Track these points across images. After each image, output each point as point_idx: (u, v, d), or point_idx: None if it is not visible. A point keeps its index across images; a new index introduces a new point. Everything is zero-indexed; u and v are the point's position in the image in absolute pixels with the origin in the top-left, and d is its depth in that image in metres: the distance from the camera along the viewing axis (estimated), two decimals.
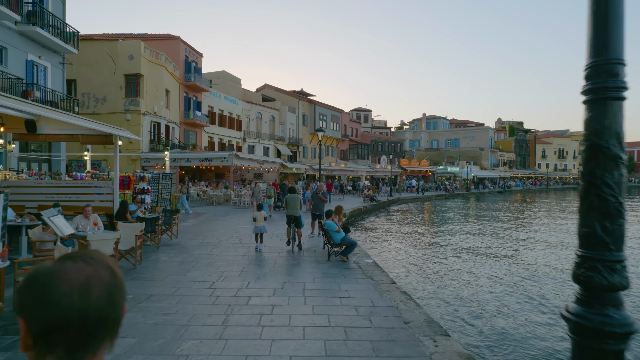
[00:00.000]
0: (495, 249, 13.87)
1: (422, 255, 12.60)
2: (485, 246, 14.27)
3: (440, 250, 13.47)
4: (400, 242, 15.22)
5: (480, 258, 12.15)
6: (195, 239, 11.19)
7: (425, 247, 14.28)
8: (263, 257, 8.92)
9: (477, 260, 11.91)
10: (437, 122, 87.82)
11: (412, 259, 11.92)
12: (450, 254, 12.85)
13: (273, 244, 10.63)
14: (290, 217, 10.00)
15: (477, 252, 13.24)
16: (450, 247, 14.02)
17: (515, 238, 16.36)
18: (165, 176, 15.37)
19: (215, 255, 8.92)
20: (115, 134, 10.58)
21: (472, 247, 14.06)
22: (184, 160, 25.69)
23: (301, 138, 50.08)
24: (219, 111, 39.23)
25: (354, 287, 6.56)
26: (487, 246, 14.27)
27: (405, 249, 13.82)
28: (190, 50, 35.02)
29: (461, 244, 14.80)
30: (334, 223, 8.61)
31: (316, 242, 11.02)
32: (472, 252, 13.22)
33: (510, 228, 19.31)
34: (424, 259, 12.01)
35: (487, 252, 13.24)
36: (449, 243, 14.90)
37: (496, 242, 15.29)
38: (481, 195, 52.07)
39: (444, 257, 12.33)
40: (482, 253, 13.02)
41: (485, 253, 13.02)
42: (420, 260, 11.69)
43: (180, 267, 7.77)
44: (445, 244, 14.69)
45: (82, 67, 26.97)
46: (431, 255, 12.48)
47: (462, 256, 12.47)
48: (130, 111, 26.72)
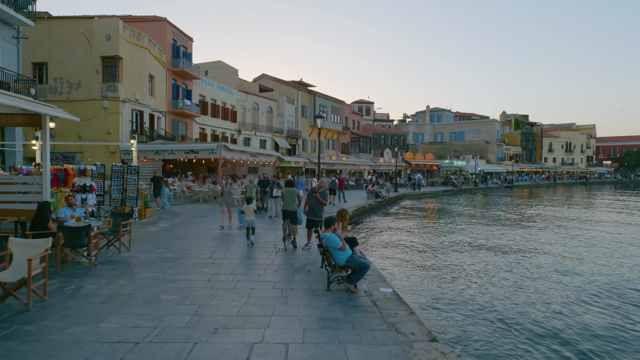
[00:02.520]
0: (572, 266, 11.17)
1: (454, 272, 9.92)
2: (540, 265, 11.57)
3: (476, 266, 10.80)
4: (417, 249, 12.55)
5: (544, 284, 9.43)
6: (153, 251, 8.53)
7: (453, 260, 11.61)
8: (236, 284, 6.25)
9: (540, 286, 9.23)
10: (441, 115, 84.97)
11: (444, 279, 9.24)
12: (493, 272, 10.18)
13: (258, 260, 7.97)
14: (285, 212, 9.37)
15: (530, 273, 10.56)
16: (488, 263, 11.34)
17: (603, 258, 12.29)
18: (130, 170, 12.68)
19: (166, 282, 6.26)
20: (43, 113, 7.90)
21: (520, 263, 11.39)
22: (168, 152, 22.99)
23: (300, 130, 47.33)
24: (212, 101, 36.47)
25: (370, 353, 3.89)
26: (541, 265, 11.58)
27: (425, 260, 11.16)
28: (178, 33, 32.16)
29: (500, 260, 12.13)
30: (336, 237, 5.93)
31: (313, 256, 8.35)
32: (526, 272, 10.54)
33: (577, 241, 16.36)
34: (462, 277, 9.34)
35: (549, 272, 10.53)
36: (483, 258, 12.22)
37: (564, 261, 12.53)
38: (489, 191, 49.39)
39: (485, 276, 9.67)
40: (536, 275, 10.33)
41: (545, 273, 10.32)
42: (458, 282, 9.00)
43: (102, 306, 5.11)
44: (478, 259, 12.02)
45: (53, 49, 24.20)
46: (470, 275, 9.81)
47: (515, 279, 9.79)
48: (108, 98, 23.97)
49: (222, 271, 7.00)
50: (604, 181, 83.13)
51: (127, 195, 12.66)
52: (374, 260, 10.72)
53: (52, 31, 24.23)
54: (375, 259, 11.07)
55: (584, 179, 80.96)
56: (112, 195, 12.67)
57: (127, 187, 12.68)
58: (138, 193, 12.92)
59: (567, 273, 9.63)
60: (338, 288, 5.99)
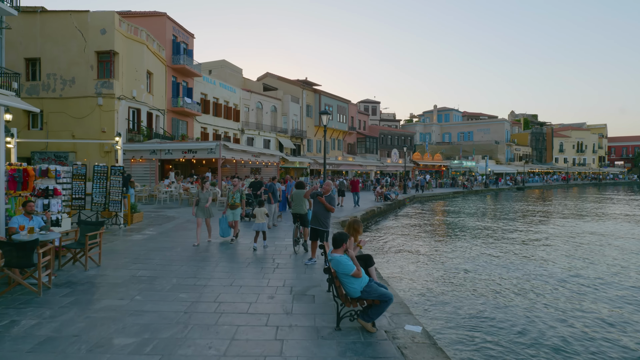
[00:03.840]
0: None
1: (492, 294, 8.47)
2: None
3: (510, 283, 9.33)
4: (437, 261, 11.10)
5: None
6: (127, 267, 7.17)
7: (485, 275, 10.15)
8: (218, 318, 4.86)
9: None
10: (449, 115, 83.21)
11: (479, 305, 7.79)
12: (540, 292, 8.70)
13: (251, 281, 6.60)
14: (295, 215, 9.15)
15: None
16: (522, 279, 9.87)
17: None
18: (115, 171, 11.35)
19: (129, 314, 4.89)
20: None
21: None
22: (165, 152, 21.69)
23: (305, 130, 45.94)
24: (214, 99, 35.22)
25: None
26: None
27: (449, 275, 9.71)
28: (179, 29, 30.94)
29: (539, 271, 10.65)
30: (347, 259, 4.52)
31: (317, 275, 6.96)
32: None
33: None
34: (506, 304, 7.89)
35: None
36: (514, 272, 10.75)
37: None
38: (501, 192, 47.67)
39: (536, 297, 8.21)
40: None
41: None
42: (503, 312, 7.54)
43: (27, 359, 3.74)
44: (510, 271, 10.55)
45: (46, 44, 23.03)
46: (510, 296, 8.35)
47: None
48: (103, 95, 22.74)
49: (204, 297, 5.61)
50: (618, 182, 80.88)
51: (111, 198, 11.35)
52: (388, 275, 9.30)
53: (46, 25, 23.07)
54: (389, 271, 9.65)
55: (597, 180, 78.75)
56: (94, 199, 11.36)
57: (111, 189, 11.36)
58: (123, 196, 11.60)
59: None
60: (350, 326, 4.59)
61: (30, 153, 22.81)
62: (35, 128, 23.73)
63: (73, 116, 22.86)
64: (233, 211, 9.80)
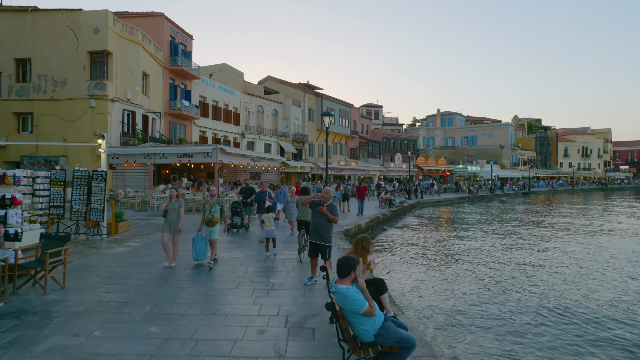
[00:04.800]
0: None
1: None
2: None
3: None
4: (461, 281, 10.05)
5: None
6: (96, 289, 6.14)
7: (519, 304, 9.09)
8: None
9: None
10: (452, 119, 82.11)
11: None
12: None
13: (239, 308, 5.57)
14: (301, 223, 8.93)
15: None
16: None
17: None
18: (97, 176, 10.36)
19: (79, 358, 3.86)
20: None
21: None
22: (159, 156, 20.72)
23: (307, 134, 45.00)
24: (213, 102, 34.33)
25: None
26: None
27: (475, 292, 8.65)
28: (177, 30, 30.09)
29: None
30: (357, 293, 3.47)
31: (318, 300, 5.92)
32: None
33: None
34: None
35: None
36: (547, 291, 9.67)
37: None
38: (507, 197, 46.54)
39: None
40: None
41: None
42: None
43: None
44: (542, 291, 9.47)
45: (38, 44, 22.18)
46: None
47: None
48: (96, 96, 21.84)
49: (179, 332, 4.58)
50: (624, 187, 79.57)
51: (92, 206, 10.35)
52: (399, 291, 8.26)
53: (37, 25, 22.24)
54: (399, 288, 8.61)
55: (603, 185, 77.47)
56: (74, 207, 10.36)
57: (93, 196, 10.36)
58: (106, 204, 10.59)
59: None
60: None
61: (20, 157, 21.90)
62: (26, 131, 22.83)
63: (64, 119, 21.95)
64: (210, 229, 7.84)
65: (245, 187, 13.68)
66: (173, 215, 7.62)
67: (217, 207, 7.87)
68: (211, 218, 7.78)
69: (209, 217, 7.78)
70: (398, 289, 8.68)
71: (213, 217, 7.80)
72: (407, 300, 8.00)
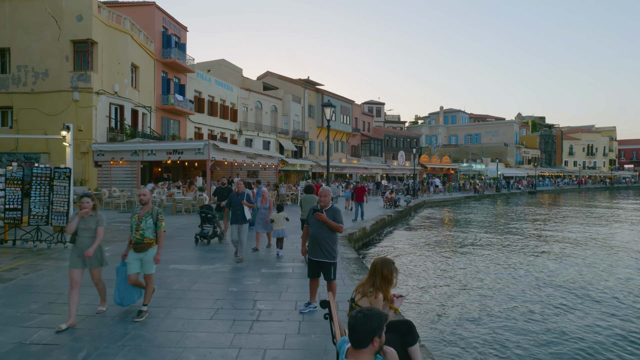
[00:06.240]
0: None
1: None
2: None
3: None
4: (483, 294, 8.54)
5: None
6: (24, 323, 4.64)
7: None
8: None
9: None
10: (455, 116, 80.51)
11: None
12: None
13: (212, 354, 4.05)
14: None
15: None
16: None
17: None
18: (59, 174, 8.86)
19: None
20: None
21: None
22: (147, 152, 19.22)
23: (307, 132, 43.47)
24: (209, 97, 32.82)
25: None
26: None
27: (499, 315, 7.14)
28: (170, 21, 28.58)
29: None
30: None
31: (317, 339, 4.41)
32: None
33: None
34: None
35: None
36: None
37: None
38: (513, 197, 45.02)
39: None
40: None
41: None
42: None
43: None
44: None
45: (17, 32, 20.69)
46: None
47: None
48: (79, 89, 20.34)
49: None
50: (630, 186, 78.03)
51: (54, 209, 8.85)
52: (434, 340, 6.74)
53: (16, 12, 20.73)
54: (427, 322, 7.10)
55: (608, 184, 76.00)
56: (32, 210, 8.86)
57: (55, 197, 8.86)
58: (71, 206, 9.10)
59: None
60: None
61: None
62: (5, 126, 21.34)
63: (46, 113, 20.46)
64: (141, 256, 5.01)
65: (221, 187, 11.09)
66: (85, 239, 4.73)
67: (149, 221, 5.00)
68: (140, 239, 4.95)
69: (136, 237, 4.97)
70: (427, 333, 6.93)
71: (144, 237, 4.96)
72: (448, 346, 6.41)
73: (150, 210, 5.09)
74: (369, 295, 3.00)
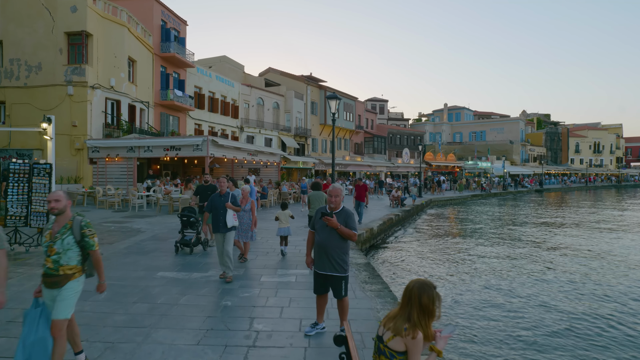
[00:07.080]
0: None
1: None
2: None
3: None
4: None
5: None
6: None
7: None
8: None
9: None
10: (459, 113, 79.39)
11: None
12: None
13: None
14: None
15: None
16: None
17: None
18: (39, 170, 8.06)
19: None
20: None
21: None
22: (144, 149, 18.41)
23: (310, 129, 42.61)
24: (209, 93, 32.02)
25: None
26: None
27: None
28: (169, 14, 27.75)
29: None
30: None
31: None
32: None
33: None
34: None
35: None
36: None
37: None
38: (520, 195, 44.07)
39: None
40: None
41: None
42: None
43: None
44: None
45: (10, 25, 19.92)
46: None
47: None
48: (74, 83, 19.56)
49: None
50: (638, 184, 76.89)
51: (33, 209, 8.05)
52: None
53: (8, 3, 19.96)
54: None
55: (615, 182, 74.90)
56: (9, 210, 8.07)
57: (34, 196, 8.07)
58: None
59: None
60: None
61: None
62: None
63: (40, 108, 19.67)
64: (54, 292, 3.28)
65: (203, 185, 9.45)
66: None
67: (67, 240, 3.27)
68: (54, 268, 3.26)
69: (47, 265, 3.29)
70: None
71: (58, 266, 3.26)
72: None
73: (70, 223, 3.33)
74: (404, 334, 2.17)
